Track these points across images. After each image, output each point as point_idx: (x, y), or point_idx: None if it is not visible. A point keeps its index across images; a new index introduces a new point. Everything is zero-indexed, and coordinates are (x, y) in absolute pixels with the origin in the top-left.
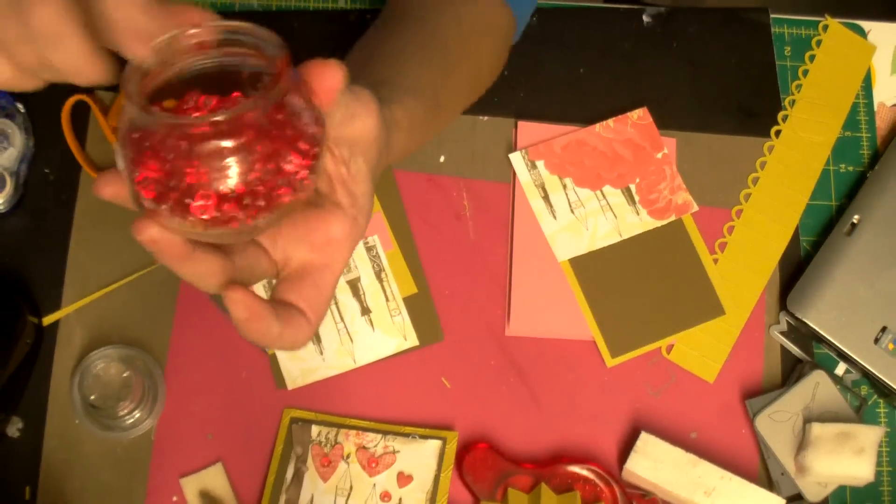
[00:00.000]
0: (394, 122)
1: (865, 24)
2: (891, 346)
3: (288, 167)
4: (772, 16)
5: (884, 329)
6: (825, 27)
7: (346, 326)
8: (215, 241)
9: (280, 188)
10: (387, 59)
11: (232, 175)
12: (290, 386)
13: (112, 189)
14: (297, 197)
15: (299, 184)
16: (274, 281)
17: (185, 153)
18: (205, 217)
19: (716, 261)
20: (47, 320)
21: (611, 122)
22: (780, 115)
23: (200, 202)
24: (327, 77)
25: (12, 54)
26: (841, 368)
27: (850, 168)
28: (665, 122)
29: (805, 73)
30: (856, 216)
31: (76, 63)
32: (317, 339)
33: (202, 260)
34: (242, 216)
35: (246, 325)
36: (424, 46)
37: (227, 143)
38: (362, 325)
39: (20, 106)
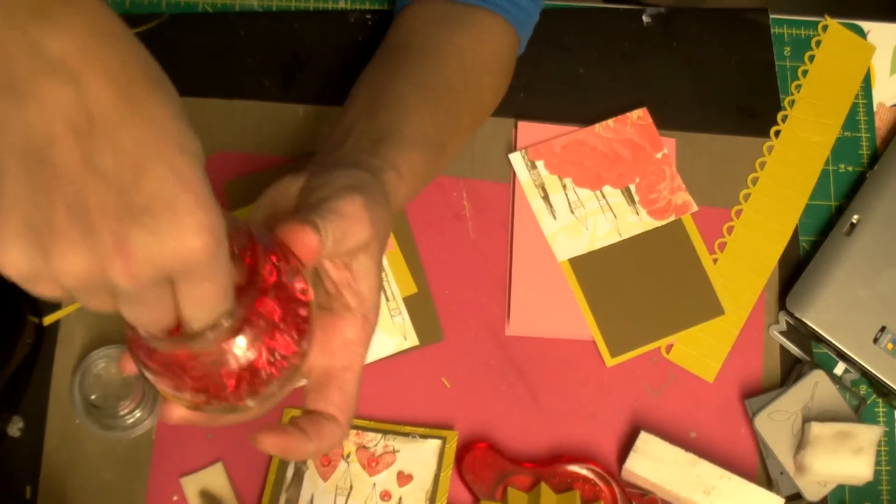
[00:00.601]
0: (399, 181)
1: (865, 25)
2: (890, 346)
3: (282, 351)
4: (771, 16)
5: (883, 329)
6: (825, 27)
7: None
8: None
9: (276, 365)
10: (391, 106)
11: (233, 371)
12: None
13: (133, 369)
14: (292, 366)
15: (290, 358)
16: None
17: (189, 370)
18: (210, 408)
19: (715, 261)
20: (48, 320)
21: (610, 122)
22: (779, 116)
23: (201, 396)
24: (305, 242)
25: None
26: (840, 368)
27: (850, 168)
28: (665, 122)
29: (805, 73)
30: (855, 216)
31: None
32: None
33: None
34: (247, 398)
35: (284, 456)
36: (428, 88)
37: (224, 357)
38: None
39: None
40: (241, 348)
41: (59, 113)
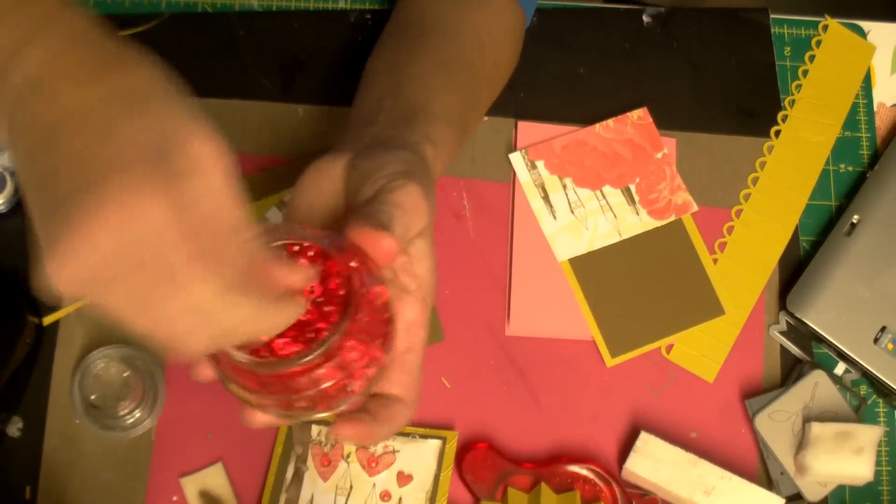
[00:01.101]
0: (436, 156)
1: (865, 25)
2: (890, 346)
3: (370, 359)
4: (771, 16)
5: (883, 329)
6: (825, 27)
7: None
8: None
9: (366, 373)
10: (416, 84)
11: (324, 386)
12: None
13: (210, 375)
14: (380, 371)
15: (378, 361)
16: None
17: (284, 385)
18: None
19: (715, 261)
20: (48, 320)
21: (611, 122)
22: (779, 116)
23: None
24: (383, 247)
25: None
26: (840, 368)
27: (850, 168)
28: (665, 122)
29: (805, 73)
30: (855, 216)
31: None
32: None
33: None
34: (335, 407)
35: (362, 443)
36: (449, 67)
37: (320, 371)
38: None
39: None
40: (334, 363)
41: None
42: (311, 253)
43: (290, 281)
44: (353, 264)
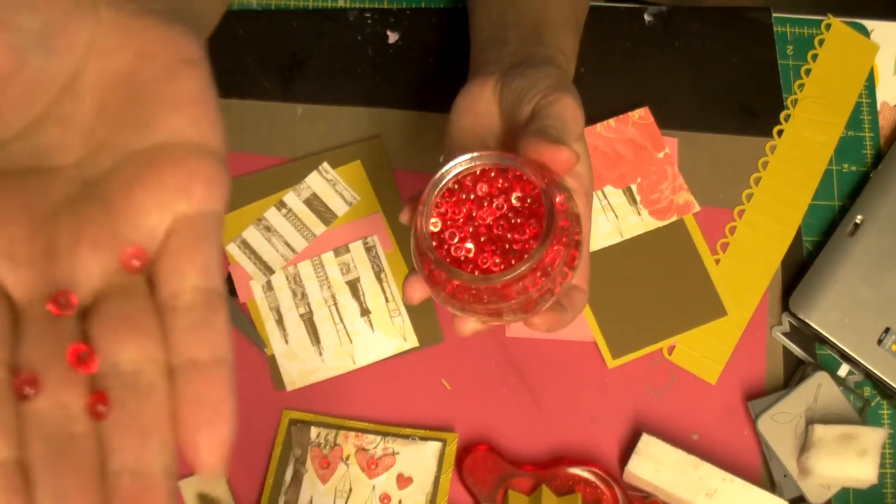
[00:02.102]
0: (568, 63)
1: (868, 24)
2: (894, 348)
3: (567, 267)
4: (774, 15)
5: (887, 330)
6: (828, 26)
7: (345, 327)
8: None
9: (562, 278)
10: None
11: (528, 296)
12: (289, 387)
13: (421, 295)
14: (573, 272)
15: (572, 266)
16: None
17: (492, 295)
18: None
19: (717, 261)
20: None
21: (612, 121)
22: (782, 115)
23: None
24: (562, 159)
25: None
26: (844, 370)
27: (853, 168)
28: (666, 121)
29: (807, 72)
30: (859, 216)
31: None
32: (315, 340)
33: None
34: (534, 311)
35: (552, 329)
36: None
37: (527, 280)
38: (362, 325)
39: None
40: (539, 271)
41: None
42: (502, 172)
43: None
44: (542, 179)
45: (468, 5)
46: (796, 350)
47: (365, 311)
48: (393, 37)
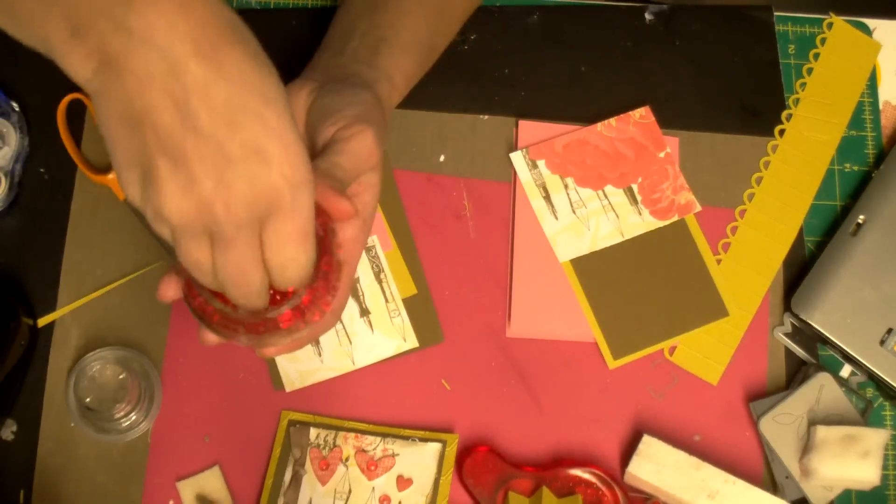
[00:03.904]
0: (392, 90)
1: (870, 22)
2: None
3: (324, 304)
4: (775, 13)
5: (890, 331)
6: (830, 25)
7: (344, 328)
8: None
9: (319, 313)
10: (388, 8)
11: (285, 327)
12: (288, 388)
13: (174, 294)
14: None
15: (329, 304)
16: None
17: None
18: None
19: (719, 262)
20: (42, 321)
21: (613, 120)
22: (784, 114)
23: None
24: (341, 210)
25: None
26: (846, 370)
27: (856, 167)
28: (668, 120)
29: (809, 71)
30: (861, 216)
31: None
32: (315, 340)
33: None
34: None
35: (286, 353)
36: None
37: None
38: (361, 326)
39: (15, 105)
40: (301, 311)
41: (154, 84)
42: None
43: None
44: (317, 222)
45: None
46: (798, 351)
47: (364, 312)
48: None
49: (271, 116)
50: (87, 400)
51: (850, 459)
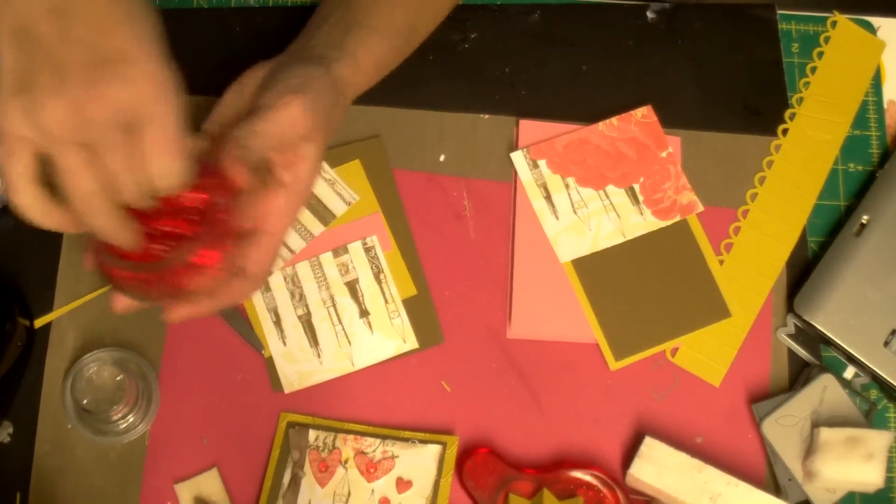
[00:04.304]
0: (355, 71)
1: (875, 20)
2: None
3: (223, 263)
4: (779, 12)
5: (894, 332)
6: (833, 23)
7: (344, 329)
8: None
9: (218, 273)
10: None
11: (183, 284)
12: (287, 389)
13: (91, 265)
14: (229, 272)
15: (226, 266)
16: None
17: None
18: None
19: (721, 262)
20: (39, 322)
21: (614, 120)
22: (787, 114)
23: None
24: (238, 180)
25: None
26: (850, 372)
27: (859, 167)
28: (669, 120)
29: (813, 70)
30: (865, 216)
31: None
32: (314, 341)
33: None
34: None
35: (193, 318)
36: None
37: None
38: (361, 327)
39: None
40: (195, 268)
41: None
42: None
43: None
44: (207, 194)
45: None
46: (801, 352)
47: (364, 313)
48: None
49: (140, 31)
50: (84, 402)
51: (854, 461)
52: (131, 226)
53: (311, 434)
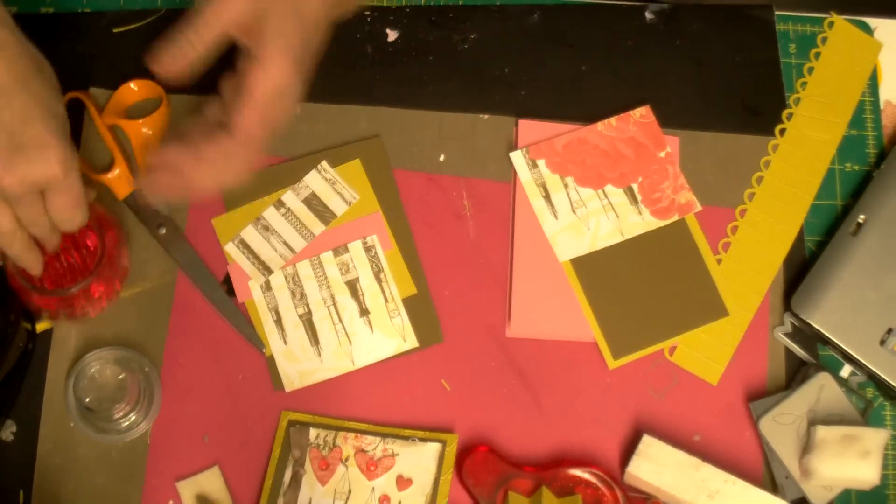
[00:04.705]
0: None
1: (871, 21)
2: None
3: (108, 289)
4: (776, 13)
5: (890, 331)
6: (830, 24)
7: (344, 328)
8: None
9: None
10: None
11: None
12: (288, 388)
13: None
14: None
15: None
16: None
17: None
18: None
19: (719, 261)
20: (41, 327)
21: (613, 120)
22: (784, 114)
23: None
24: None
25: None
26: (846, 370)
27: (856, 167)
28: (668, 120)
29: (810, 70)
30: (861, 216)
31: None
32: (314, 340)
33: None
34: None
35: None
36: None
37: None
38: (361, 326)
39: None
40: (86, 296)
41: None
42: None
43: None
44: (98, 236)
45: None
46: (798, 351)
47: (364, 312)
48: (392, 35)
49: (53, 125)
50: (87, 400)
51: (850, 459)
52: (38, 256)
53: (312, 432)
